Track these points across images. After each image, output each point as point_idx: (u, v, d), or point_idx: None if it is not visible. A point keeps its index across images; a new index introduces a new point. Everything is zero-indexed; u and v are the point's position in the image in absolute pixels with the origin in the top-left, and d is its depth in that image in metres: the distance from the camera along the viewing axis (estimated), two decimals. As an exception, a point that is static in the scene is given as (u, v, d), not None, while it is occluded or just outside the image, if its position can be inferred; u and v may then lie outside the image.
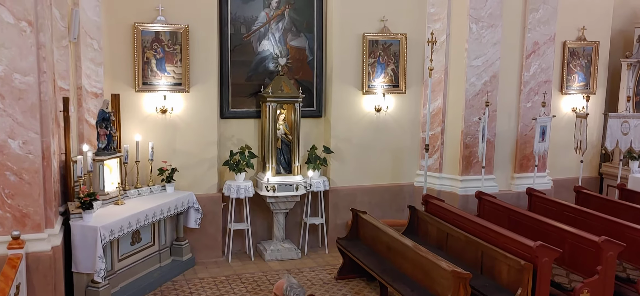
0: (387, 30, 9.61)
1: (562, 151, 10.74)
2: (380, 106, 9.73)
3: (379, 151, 9.90)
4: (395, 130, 9.93)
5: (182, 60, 8.59)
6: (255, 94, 9.26)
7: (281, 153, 9.23)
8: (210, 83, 8.84)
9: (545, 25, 9.82)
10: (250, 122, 9.35)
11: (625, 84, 10.92)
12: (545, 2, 9.77)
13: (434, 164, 9.94)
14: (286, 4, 9.25)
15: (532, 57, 9.88)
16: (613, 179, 10.82)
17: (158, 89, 8.57)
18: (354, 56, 9.52)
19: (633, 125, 10.27)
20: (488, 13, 9.36)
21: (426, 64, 9.56)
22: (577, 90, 10.87)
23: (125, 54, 8.41)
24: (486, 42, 9.42)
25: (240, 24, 9.08)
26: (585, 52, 10.82)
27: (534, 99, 9.96)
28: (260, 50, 9.23)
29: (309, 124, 9.59)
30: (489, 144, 9.63)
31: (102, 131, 7.68)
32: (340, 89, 9.53)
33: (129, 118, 8.50)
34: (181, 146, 8.80)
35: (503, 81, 9.74)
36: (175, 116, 8.72)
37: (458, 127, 9.68)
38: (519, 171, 10.17)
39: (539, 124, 9.59)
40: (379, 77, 9.68)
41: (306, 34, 9.43)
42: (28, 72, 5.92)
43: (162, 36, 8.49)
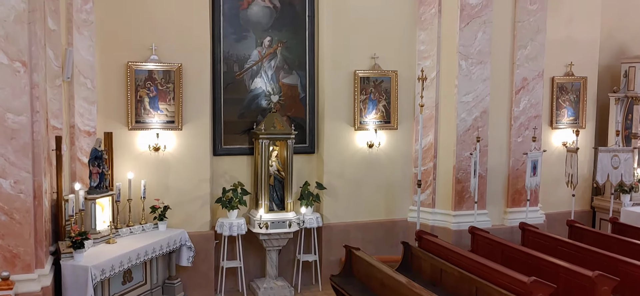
0: (378, 67, 9.73)
1: (554, 185, 10.79)
2: (372, 142, 9.79)
3: (371, 186, 9.92)
4: (387, 166, 9.97)
5: (175, 98, 8.64)
6: (248, 131, 9.31)
7: (274, 190, 9.23)
8: (203, 121, 8.88)
9: (533, 62, 9.98)
10: (243, 159, 9.37)
11: (614, 118, 11.05)
12: (533, 39, 9.94)
13: (427, 200, 9.96)
14: (278, 43, 9.37)
15: (522, 92, 10.00)
16: (605, 212, 10.86)
17: (151, 127, 8.60)
18: (345, 92, 9.62)
19: (623, 159, 10.36)
20: (477, 50, 9.51)
21: (417, 100, 9.67)
22: (566, 124, 10.99)
23: (119, 92, 8.46)
24: (476, 78, 9.55)
25: (233, 62, 9.18)
26: (574, 87, 10.97)
27: (524, 134, 10.05)
28: (253, 87, 9.31)
29: (301, 161, 9.62)
30: (481, 179, 9.68)
31: (94, 169, 7.67)
32: (333, 125, 9.60)
33: (122, 156, 8.50)
34: (174, 184, 8.79)
35: (493, 117, 9.84)
36: (168, 154, 8.73)
37: (450, 162, 9.74)
38: (511, 205, 10.20)
39: (530, 159, 9.66)
40: (371, 113, 9.76)
41: (298, 72, 9.53)
42: (21, 111, 5.94)
43: (156, 75, 8.56)
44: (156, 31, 8.56)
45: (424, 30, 9.86)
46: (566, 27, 10.80)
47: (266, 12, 9.27)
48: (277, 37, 9.35)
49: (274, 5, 9.30)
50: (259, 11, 9.24)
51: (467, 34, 9.45)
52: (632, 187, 10.71)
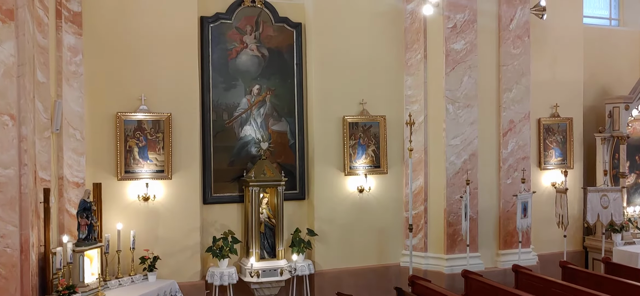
0: (366, 112, 9.82)
1: (545, 225, 10.79)
2: (362, 187, 9.80)
3: (363, 231, 9.89)
4: (378, 210, 9.96)
5: (164, 147, 8.66)
6: (238, 178, 9.30)
7: (265, 237, 9.18)
8: (193, 169, 8.88)
9: (519, 104, 10.11)
10: (233, 207, 9.33)
11: (601, 158, 11.14)
12: (518, 82, 10.10)
13: (419, 244, 9.92)
14: (267, 90, 9.46)
15: (509, 134, 10.10)
16: (597, 252, 10.85)
17: (140, 176, 8.58)
18: (335, 138, 9.68)
19: (612, 198, 10.40)
20: (463, 94, 9.64)
21: (406, 144, 9.73)
22: (555, 165, 11.07)
23: (108, 143, 8.47)
24: (463, 121, 9.65)
25: (223, 111, 9.24)
26: (560, 128, 11.10)
27: (513, 176, 10.11)
28: (243, 135, 9.35)
29: (292, 207, 9.60)
30: (472, 222, 9.67)
31: (82, 221, 7.60)
32: (323, 171, 9.62)
33: (111, 207, 8.45)
34: (164, 233, 8.73)
35: (482, 159, 9.91)
36: (157, 203, 8.69)
37: (441, 205, 9.75)
38: (503, 247, 10.17)
39: (520, 201, 9.68)
40: (361, 158, 9.80)
41: (287, 119, 9.59)
42: (9, 165, 5.93)
43: (145, 124, 8.59)
44: (145, 81, 8.63)
45: (410, 76, 10.00)
46: (550, 70, 10.99)
47: (255, 61, 9.39)
48: (266, 85, 9.44)
49: (262, 54, 9.43)
50: (248, 60, 9.36)
51: (453, 79, 9.60)
52: (622, 226, 10.73)
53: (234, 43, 9.28)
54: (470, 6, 9.68)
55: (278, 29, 9.51)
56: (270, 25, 9.47)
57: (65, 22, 7.88)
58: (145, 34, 8.62)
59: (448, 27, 9.58)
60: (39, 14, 6.86)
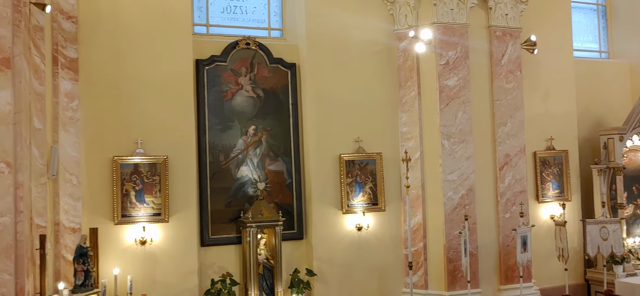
0: (362, 150, 9.86)
1: (546, 259, 10.70)
2: (361, 225, 9.76)
3: (362, 270, 9.81)
4: (377, 248, 9.90)
5: (161, 190, 8.66)
6: (236, 219, 9.26)
7: (263, 279, 9.11)
8: (190, 211, 8.86)
9: (514, 138, 10.17)
10: (231, 249, 9.27)
11: (598, 189, 11.14)
12: (512, 116, 10.18)
13: (419, 281, 9.84)
14: (263, 131, 9.51)
15: (506, 168, 10.13)
16: (600, 285, 10.75)
17: (137, 220, 8.55)
18: (331, 176, 9.68)
19: (611, 230, 10.37)
20: (458, 129, 9.71)
21: (403, 181, 9.73)
22: (552, 198, 11.05)
23: (104, 187, 8.46)
24: (459, 156, 9.69)
25: (219, 152, 9.26)
26: (556, 160, 11.13)
27: (511, 210, 10.09)
28: (239, 176, 9.35)
29: (290, 247, 9.53)
30: (472, 258, 9.62)
31: (79, 267, 7.52)
32: (320, 210, 9.59)
33: (108, 251, 8.39)
34: (161, 277, 8.65)
35: (479, 194, 9.92)
36: (154, 247, 8.64)
37: (440, 242, 9.71)
38: (504, 282, 10.09)
39: (519, 235, 9.63)
40: (358, 196, 9.79)
41: (284, 158, 9.62)
42: (4, 213, 5.88)
43: (142, 168, 8.60)
44: (142, 125, 8.67)
45: (405, 113, 10.07)
46: (543, 103, 11.07)
47: (250, 102, 9.46)
48: (262, 126, 9.49)
49: (258, 94, 9.51)
50: (243, 101, 9.42)
51: (447, 114, 9.68)
52: (623, 258, 10.67)
53: (229, 85, 9.36)
54: (462, 43, 9.83)
55: (273, 69, 9.62)
56: (265, 67, 9.57)
57: (62, 69, 7.94)
58: (141, 78, 8.70)
59: (440, 64, 9.71)
60: (36, 61, 6.92)
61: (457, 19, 9.83)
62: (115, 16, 8.62)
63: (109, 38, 8.59)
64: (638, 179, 11.57)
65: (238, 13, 9.99)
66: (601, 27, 12.86)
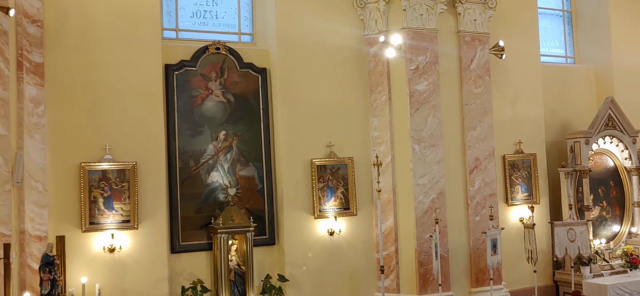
0: (334, 155, 9.87)
1: (516, 261, 10.84)
2: (333, 229, 9.77)
3: (335, 275, 9.80)
4: (349, 253, 9.91)
5: (130, 197, 8.54)
6: (206, 226, 9.18)
7: (235, 285, 9.04)
8: (160, 218, 8.75)
9: (483, 142, 10.31)
10: (201, 256, 9.18)
11: (565, 192, 11.34)
12: (481, 121, 10.32)
13: (391, 285, 9.88)
14: (234, 136, 9.46)
15: (475, 172, 10.25)
16: (568, 286, 10.92)
17: (106, 227, 8.42)
18: (303, 181, 9.67)
19: (578, 232, 10.56)
20: (429, 133, 9.80)
21: (374, 185, 9.77)
22: (521, 201, 11.20)
23: (71, 194, 8.32)
24: (430, 161, 9.78)
25: (189, 158, 9.18)
26: (524, 164, 11.30)
27: (481, 213, 10.21)
28: (210, 182, 9.28)
29: (262, 253, 9.48)
30: (443, 261, 9.69)
31: (45, 276, 7.36)
32: (292, 215, 9.57)
33: (75, 260, 8.24)
34: (130, 285, 8.51)
35: (450, 197, 10.01)
36: (123, 254, 8.51)
37: (411, 245, 9.77)
38: (475, 285, 10.20)
39: (489, 238, 9.74)
40: (330, 200, 9.80)
41: (255, 164, 9.57)
42: (-34, 219, 5.75)
43: (110, 174, 8.48)
44: (110, 131, 8.55)
45: (376, 117, 10.12)
46: (512, 107, 11.24)
47: (220, 107, 9.40)
48: (233, 131, 9.44)
49: (228, 99, 9.46)
50: (214, 106, 9.36)
51: (417, 119, 9.76)
52: (590, 259, 10.86)
53: (199, 90, 9.30)
54: (431, 48, 9.93)
55: (243, 74, 9.58)
56: (235, 71, 9.53)
57: (27, 74, 7.80)
58: (109, 83, 8.59)
59: (410, 69, 9.80)
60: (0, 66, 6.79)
61: (426, 24, 9.93)
62: (82, 20, 8.50)
63: (76, 42, 8.46)
64: (604, 182, 11.83)
65: (208, 18, 9.95)
66: (567, 33, 13.13)
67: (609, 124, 11.61)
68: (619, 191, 11.94)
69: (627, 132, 11.73)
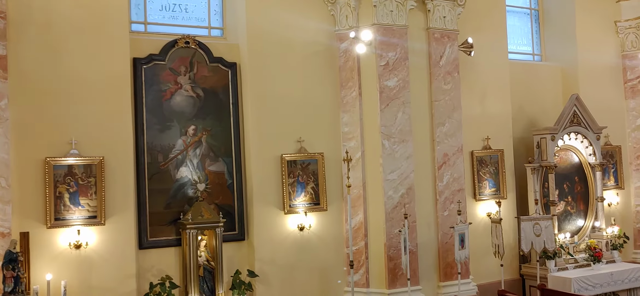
0: (304, 150, 9.88)
1: (483, 255, 11.01)
2: (303, 225, 9.77)
3: (305, 270, 9.82)
4: (319, 248, 9.94)
5: (97, 192, 8.42)
6: (175, 221, 9.10)
7: (204, 281, 8.99)
8: (127, 214, 8.64)
9: (452, 138, 10.43)
10: (170, 251, 9.10)
11: (531, 187, 11.56)
12: (450, 117, 10.43)
13: (361, 280, 9.93)
14: (203, 131, 9.38)
15: (444, 167, 10.37)
16: (533, 279, 11.14)
17: (72, 223, 8.28)
18: (273, 177, 9.65)
19: (544, 226, 10.78)
20: (398, 129, 9.87)
21: (344, 180, 9.80)
22: (489, 196, 11.38)
23: (36, 189, 8.15)
24: (399, 156, 9.85)
25: (157, 153, 9.08)
26: (492, 159, 11.48)
27: (450, 208, 10.33)
28: (179, 177, 9.20)
29: (231, 249, 9.44)
30: (412, 255, 9.78)
31: (8, 273, 7.25)
32: (262, 210, 9.55)
33: (40, 256, 8.08)
34: (97, 282, 8.39)
35: (419, 193, 10.11)
36: (90, 250, 8.38)
37: (381, 240, 9.83)
38: (444, 279, 10.32)
39: (457, 232, 9.88)
40: (300, 196, 9.80)
41: (224, 159, 9.52)
42: None
43: (76, 169, 8.34)
44: (76, 125, 8.41)
45: (346, 113, 10.15)
46: (480, 104, 11.39)
47: (190, 102, 9.32)
48: (202, 126, 9.37)
49: (197, 94, 9.38)
50: (183, 101, 9.27)
51: (387, 115, 9.82)
52: (555, 253, 11.09)
53: (168, 84, 9.20)
54: (402, 44, 10.00)
55: (213, 69, 9.51)
56: (204, 66, 9.45)
57: (-11, 66, 7.63)
58: (75, 76, 8.43)
59: (381, 65, 9.85)
60: (-40, 57, 6.63)
61: (396, 20, 9.99)
62: (47, 12, 8.33)
63: (41, 35, 8.29)
64: (569, 177, 12.09)
65: (177, 11, 9.84)
66: (534, 31, 13.36)
67: (574, 120, 11.86)
68: (584, 186, 12.21)
69: (591, 128, 12.01)
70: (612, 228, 12.02)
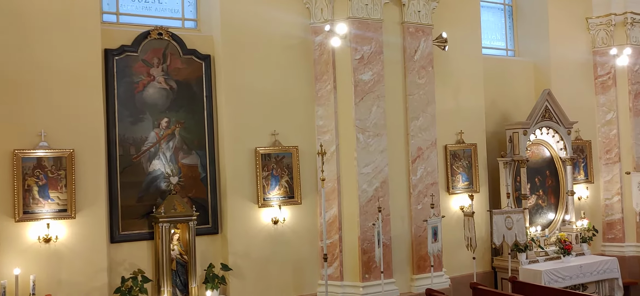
0: (278, 143, 9.85)
1: (456, 248, 11.13)
2: (277, 218, 9.76)
3: (279, 263, 9.81)
4: (294, 241, 9.93)
5: (67, 185, 8.28)
6: (148, 215, 9.00)
7: (177, 275, 8.93)
8: (99, 207, 8.52)
9: (426, 132, 10.49)
10: (142, 245, 9.00)
11: (504, 181, 11.70)
12: (424, 111, 10.49)
13: (335, 273, 9.96)
14: (176, 123, 9.29)
15: (418, 161, 10.43)
16: (505, 272, 11.31)
17: (41, 217, 8.14)
18: (247, 170, 9.61)
19: (515, 219, 10.93)
20: (373, 123, 9.90)
21: (319, 174, 9.80)
22: (462, 189, 11.49)
23: (4, 182, 7.98)
24: (373, 150, 9.88)
25: (130, 145, 8.96)
26: (465, 153, 11.59)
27: (423, 201, 10.41)
28: (151, 170, 9.10)
29: (205, 242, 9.38)
30: (385, 248, 9.84)
31: (-26, 267, 7.09)
32: (236, 204, 9.50)
33: (8, 251, 7.93)
34: (67, 277, 8.27)
35: (393, 186, 10.15)
36: (60, 244, 8.25)
37: (355, 234, 9.86)
38: (417, 272, 10.40)
39: (430, 225, 9.96)
40: (274, 189, 9.78)
41: (198, 152, 9.44)
42: None
43: (46, 162, 8.19)
44: (45, 117, 8.25)
45: (321, 106, 10.14)
46: (454, 98, 11.48)
47: (162, 94, 9.21)
48: (175, 118, 9.27)
49: (171, 86, 9.28)
50: (155, 93, 9.16)
51: (362, 109, 9.84)
52: (526, 246, 11.26)
53: (140, 76, 9.07)
54: (376, 38, 10.01)
55: (186, 61, 9.40)
56: (178, 58, 9.34)
57: (-46, 56, 7.43)
58: (45, 67, 8.26)
59: (355, 59, 9.85)
60: None
61: (371, 14, 10.00)
62: (16, 1, 8.14)
63: (10, 24, 8.09)
64: (540, 171, 12.27)
65: (150, 2, 9.71)
66: (508, 27, 13.51)
67: (546, 115, 12.03)
68: (555, 180, 12.41)
69: (562, 123, 12.20)
70: (582, 221, 12.25)
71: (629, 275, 12.78)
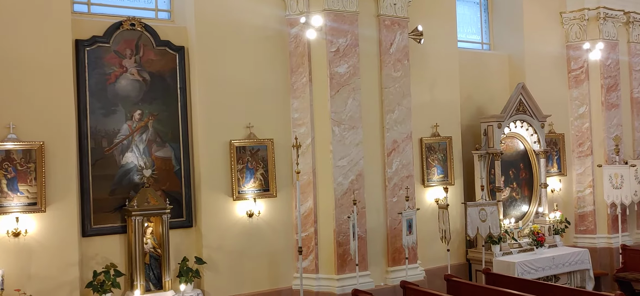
0: (253, 136, 9.79)
1: (431, 241, 11.20)
2: (252, 211, 9.71)
3: (254, 256, 9.77)
4: (269, 234, 9.91)
5: (37, 178, 8.14)
6: (120, 208, 8.90)
7: (150, 269, 8.86)
8: (69, 200, 8.40)
9: (401, 125, 10.51)
10: (115, 239, 8.90)
11: (478, 173, 11.80)
12: (400, 104, 10.52)
13: (310, 266, 9.96)
14: (149, 115, 9.17)
15: (393, 154, 10.46)
16: (479, 264, 11.42)
17: (10, 210, 8.00)
18: (222, 163, 9.55)
19: (489, 212, 11.04)
20: (348, 116, 9.89)
21: (294, 167, 9.77)
22: (437, 182, 11.55)
23: (-29, 175, 7.82)
24: (349, 143, 9.89)
25: (102, 138, 8.83)
26: (441, 146, 11.65)
27: (398, 194, 10.44)
28: (124, 162, 8.98)
29: (179, 236, 9.30)
30: (361, 241, 9.86)
31: (-60, 262, 6.93)
32: (210, 197, 9.44)
33: (-25, 245, 7.79)
34: (38, 271, 8.15)
35: (368, 179, 10.18)
36: (30, 238, 8.11)
37: (330, 226, 9.87)
38: (392, 264, 10.45)
39: (404, 218, 10.01)
40: (249, 182, 9.73)
41: (171, 144, 9.34)
42: None
43: (14, 154, 8.04)
44: (14, 109, 8.09)
45: (297, 99, 10.10)
46: (429, 91, 11.52)
47: (135, 86, 9.08)
48: (148, 110, 9.15)
49: (144, 78, 9.15)
50: (128, 85, 9.03)
51: (337, 101, 9.83)
52: (500, 238, 11.39)
53: (112, 67, 8.93)
54: (352, 31, 9.99)
55: (160, 52, 9.28)
56: (151, 49, 9.22)
57: None
58: (13, 57, 8.10)
59: (331, 51, 9.82)
60: None
61: (347, 6, 9.97)
62: (-18, -10, 7.97)
63: (-24, 13, 7.93)
64: (514, 164, 12.40)
65: (122, -8, 9.58)
66: (483, 20, 13.59)
67: (520, 109, 12.15)
68: (528, 173, 12.55)
69: (536, 117, 12.33)
70: (555, 213, 12.42)
71: (600, 266, 13.02)
